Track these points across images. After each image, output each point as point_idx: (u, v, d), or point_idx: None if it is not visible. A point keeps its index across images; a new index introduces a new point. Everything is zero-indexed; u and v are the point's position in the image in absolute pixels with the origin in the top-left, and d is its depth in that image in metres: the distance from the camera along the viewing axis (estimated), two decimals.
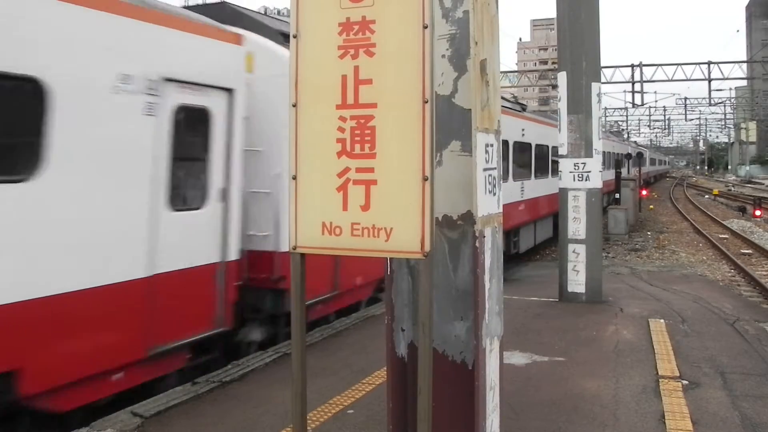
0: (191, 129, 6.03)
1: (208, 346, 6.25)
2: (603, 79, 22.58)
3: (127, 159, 5.23)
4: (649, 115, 73.70)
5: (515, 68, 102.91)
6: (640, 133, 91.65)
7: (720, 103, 64.60)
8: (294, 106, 2.84)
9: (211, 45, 6.09)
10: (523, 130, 16.20)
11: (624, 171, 28.21)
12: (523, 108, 18.22)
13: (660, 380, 5.75)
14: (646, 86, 37.74)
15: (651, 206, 34.20)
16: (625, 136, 68.83)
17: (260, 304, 7.04)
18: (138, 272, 5.28)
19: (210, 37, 6.09)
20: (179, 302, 5.70)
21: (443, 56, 3.10)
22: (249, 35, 6.83)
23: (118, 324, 5.16)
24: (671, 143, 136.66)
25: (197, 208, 6.03)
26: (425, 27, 2.62)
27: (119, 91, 5.09)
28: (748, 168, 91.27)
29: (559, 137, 9.59)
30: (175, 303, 5.64)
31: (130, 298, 5.22)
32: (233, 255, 6.31)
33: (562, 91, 9.48)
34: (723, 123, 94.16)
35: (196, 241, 5.94)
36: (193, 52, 5.91)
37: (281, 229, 6.81)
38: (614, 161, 26.76)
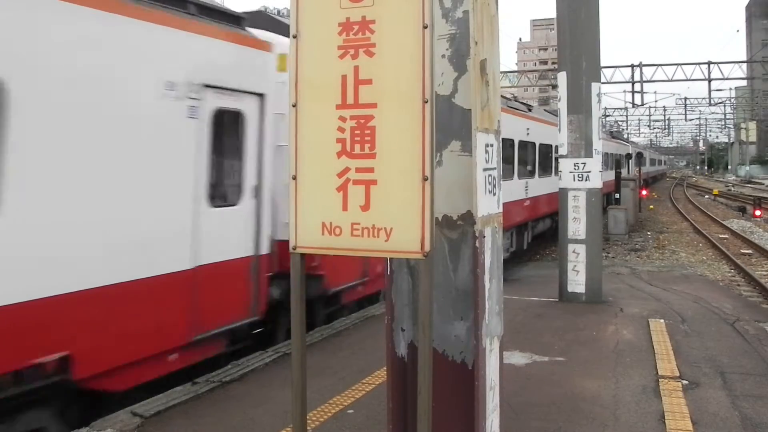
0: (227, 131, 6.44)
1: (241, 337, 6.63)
2: (603, 79, 22.57)
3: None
4: (649, 115, 73.66)
5: (515, 68, 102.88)
6: (640, 133, 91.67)
7: (720, 103, 64.55)
8: (294, 106, 2.84)
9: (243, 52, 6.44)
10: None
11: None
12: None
13: (660, 380, 5.75)
14: (646, 86, 37.73)
15: (651, 206, 34.22)
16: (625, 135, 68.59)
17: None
18: (184, 264, 5.66)
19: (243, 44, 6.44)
20: (218, 293, 6.09)
21: (443, 56, 3.10)
22: (280, 39, 7.06)
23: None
24: (671, 143, 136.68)
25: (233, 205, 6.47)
26: (425, 27, 2.62)
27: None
28: (748, 168, 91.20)
29: (559, 137, 9.59)
30: (214, 293, 6.01)
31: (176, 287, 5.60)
32: (264, 249, 6.69)
33: (562, 91, 9.48)
34: (723, 123, 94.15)
35: (233, 235, 6.34)
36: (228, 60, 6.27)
37: None
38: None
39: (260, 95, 6.63)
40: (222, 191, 6.39)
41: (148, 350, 5.32)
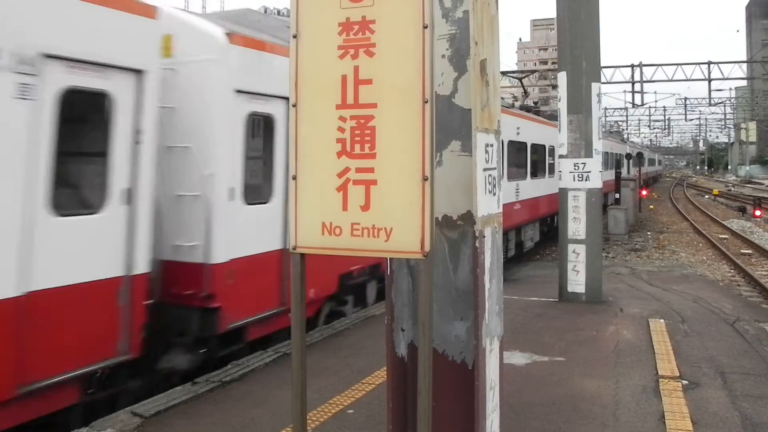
0: (85, 118, 5.20)
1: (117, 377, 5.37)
2: (603, 79, 22.54)
3: None
4: (649, 115, 73.70)
5: (515, 68, 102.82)
6: (640, 133, 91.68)
7: (720, 103, 64.53)
8: (294, 106, 2.84)
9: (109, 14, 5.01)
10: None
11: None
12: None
13: (660, 380, 5.75)
14: (646, 86, 37.68)
15: (651, 206, 34.21)
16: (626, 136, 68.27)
17: (185, 324, 6.04)
18: (7, 291, 4.34)
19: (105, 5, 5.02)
20: (65, 326, 4.75)
21: (443, 56, 3.10)
22: (170, 11, 5.98)
23: None
24: (671, 143, 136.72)
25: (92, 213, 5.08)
26: (425, 27, 2.62)
27: None
28: (748, 168, 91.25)
29: (559, 137, 9.60)
30: (59, 326, 4.70)
31: None
32: (141, 267, 5.33)
33: (562, 91, 9.49)
34: (723, 123, 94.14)
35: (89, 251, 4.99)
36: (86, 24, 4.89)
37: (213, 237, 5.92)
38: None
39: (138, 72, 5.28)
40: (74, 195, 5.17)
41: None
